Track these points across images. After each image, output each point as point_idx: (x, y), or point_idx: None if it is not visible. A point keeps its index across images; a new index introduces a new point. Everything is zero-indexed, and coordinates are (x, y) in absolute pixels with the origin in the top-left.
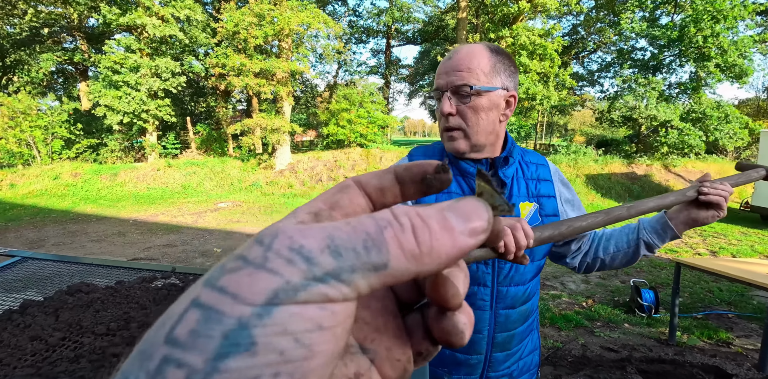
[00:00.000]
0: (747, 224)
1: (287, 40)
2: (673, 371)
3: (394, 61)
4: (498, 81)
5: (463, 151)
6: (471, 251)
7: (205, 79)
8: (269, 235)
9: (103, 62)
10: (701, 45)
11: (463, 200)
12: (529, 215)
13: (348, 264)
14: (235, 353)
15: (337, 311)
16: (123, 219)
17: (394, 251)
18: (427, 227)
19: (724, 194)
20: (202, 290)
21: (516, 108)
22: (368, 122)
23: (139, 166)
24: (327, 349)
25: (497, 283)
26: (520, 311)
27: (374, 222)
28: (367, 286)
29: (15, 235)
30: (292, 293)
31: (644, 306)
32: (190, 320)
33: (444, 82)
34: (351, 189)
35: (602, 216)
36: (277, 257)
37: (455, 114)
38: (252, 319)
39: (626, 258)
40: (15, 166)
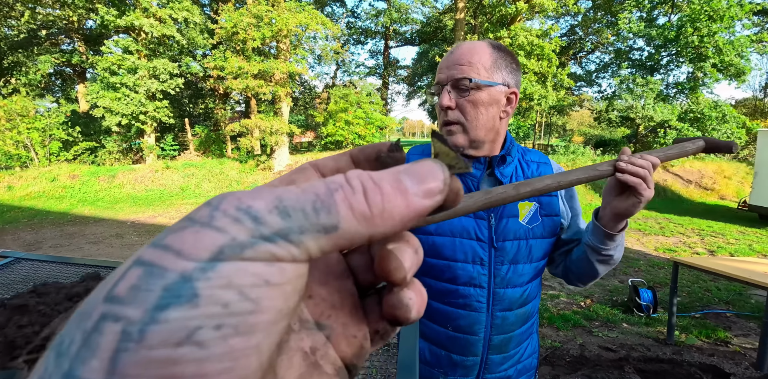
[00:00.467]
0: (745, 224)
1: (285, 41)
2: (671, 371)
3: (393, 62)
4: (499, 77)
5: (461, 146)
6: (428, 212)
7: (204, 81)
8: (218, 197)
9: (100, 64)
10: (698, 45)
11: (419, 162)
12: (528, 215)
13: (296, 225)
14: (176, 304)
15: (287, 268)
16: (121, 221)
17: (344, 212)
18: (378, 189)
19: (641, 173)
20: (146, 249)
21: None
22: (366, 123)
23: (137, 167)
24: (275, 305)
25: (494, 284)
26: (518, 313)
27: (325, 185)
28: (318, 248)
29: (12, 237)
30: (238, 250)
31: (642, 306)
32: (131, 277)
33: (444, 76)
34: (308, 171)
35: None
36: (223, 216)
37: (454, 108)
38: (195, 272)
39: (583, 266)
40: (12, 169)
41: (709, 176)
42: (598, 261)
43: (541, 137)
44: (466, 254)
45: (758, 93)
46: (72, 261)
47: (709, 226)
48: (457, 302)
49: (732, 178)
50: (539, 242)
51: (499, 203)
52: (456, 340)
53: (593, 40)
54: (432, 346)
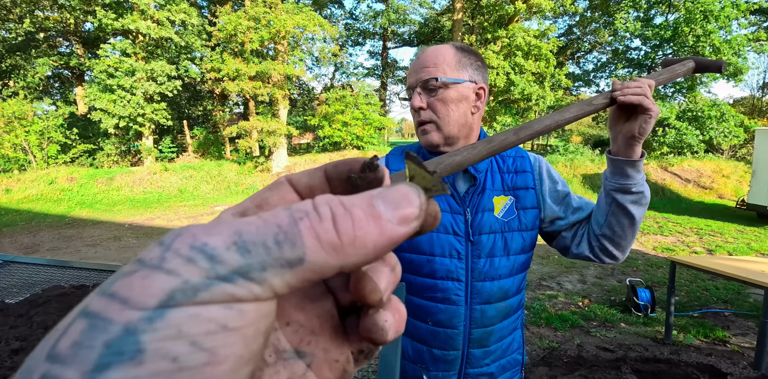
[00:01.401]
0: (743, 222)
1: (283, 42)
2: (668, 371)
3: (391, 63)
4: (465, 74)
5: (436, 143)
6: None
7: (202, 83)
8: (172, 234)
9: (98, 66)
10: (693, 44)
11: (394, 187)
12: (504, 209)
13: (257, 260)
14: (117, 363)
15: (247, 310)
16: (119, 223)
17: (310, 242)
18: (349, 216)
19: (640, 91)
20: (93, 297)
21: (512, 109)
22: (364, 124)
23: (135, 170)
24: (234, 352)
25: (471, 278)
26: (497, 307)
27: (288, 214)
28: (284, 284)
29: (10, 240)
30: (191, 294)
31: (640, 305)
32: (74, 332)
33: (414, 80)
34: (282, 186)
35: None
36: (175, 257)
37: (426, 108)
38: (140, 323)
39: (620, 218)
40: (10, 172)
41: (708, 175)
42: (632, 203)
43: (540, 137)
44: (443, 248)
45: (756, 92)
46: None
47: (707, 225)
48: (435, 297)
49: (730, 176)
50: (515, 234)
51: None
52: (436, 334)
53: (591, 40)
54: (413, 342)
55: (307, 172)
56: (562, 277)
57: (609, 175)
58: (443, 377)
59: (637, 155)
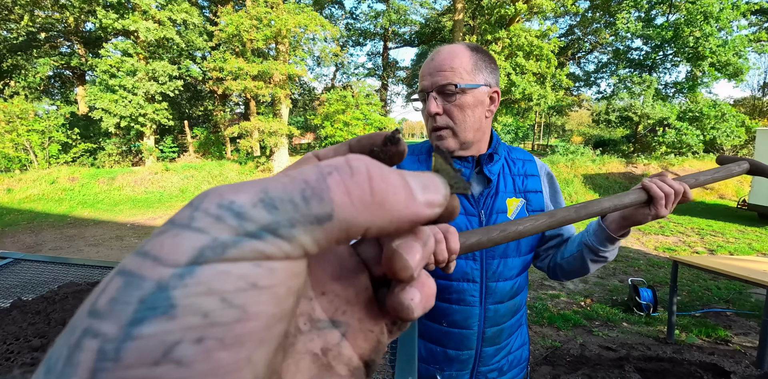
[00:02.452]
0: (744, 223)
1: (284, 42)
2: (671, 369)
3: (392, 63)
4: (481, 78)
5: (452, 149)
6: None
7: (203, 83)
8: (200, 195)
9: (99, 66)
10: (694, 45)
11: (423, 173)
12: (516, 211)
13: (285, 217)
14: (151, 318)
15: (277, 268)
16: (120, 223)
17: (339, 198)
18: (384, 178)
19: (668, 191)
20: (129, 257)
21: (513, 109)
22: (365, 124)
23: (137, 170)
24: (266, 310)
25: (486, 278)
26: (508, 305)
27: (317, 169)
28: (313, 242)
29: (12, 240)
30: (220, 251)
31: (642, 305)
32: (112, 289)
33: (429, 83)
34: (311, 160)
35: (545, 218)
36: (205, 216)
37: (442, 113)
38: (172, 280)
39: (575, 263)
40: (12, 171)
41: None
42: (592, 261)
43: (541, 138)
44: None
45: (757, 92)
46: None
47: (708, 225)
48: (451, 298)
49: None
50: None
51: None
52: (451, 335)
53: (591, 41)
54: (427, 343)
55: (332, 148)
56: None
57: (590, 231)
58: (456, 377)
59: (619, 233)
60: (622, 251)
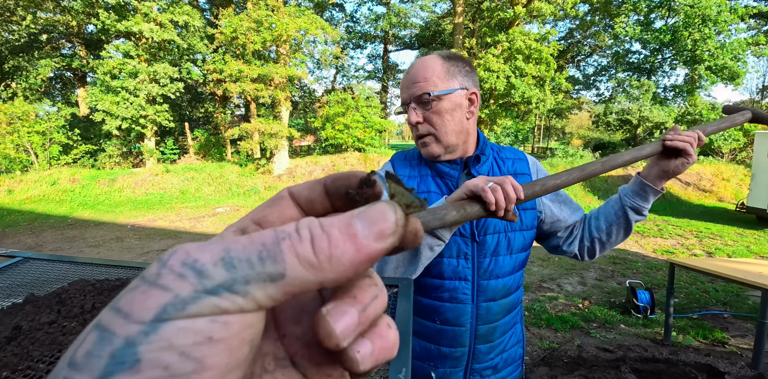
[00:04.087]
0: (743, 225)
1: (285, 45)
2: (667, 370)
3: (392, 66)
4: (455, 83)
5: (437, 154)
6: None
7: (203, 85)
8: (169, 252)
9: (101, 68)
10: (692, 48)
11: (373, 205)
12: None
13: (241, 275)
14: (119, 372)
15: (231, 322)
16: (121, 224)
17: (290, 260)
18: (326, 235)
19: (689, 139)
20: (104, 312)
21: (513, 112)
22: (365, 126)
23: (137, 171)
24: (219, 361)
25: (477, 277)
26: (501, 303)
27: (273, 234)
28: (266, 296)
29: (13, 241)
30: (181, 307)
31: (640, 307)
32: (88, 342)
33: (407, 96)
34: (283, 201)
35: (577, 173)
36: (169, 273)
37: (423, 122)
38: (139, 336)
39: (620, 229)
40: (12, 172)
41: (708, 178)
42: (636, 221)
43: (540, 140)
44: (451, 249)
45: (755, 95)
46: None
47: (707, 228)
48: (443, 296)
49: (730, 180)
50: (518, 234)
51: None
52: (444, 332)
53: (591, 44)
54: (421, 341)
55: (307, 185)
56: (563, 279)
57: (629, 194)
58: (450, 374)
59: (661, 187)
60: (621, 253)
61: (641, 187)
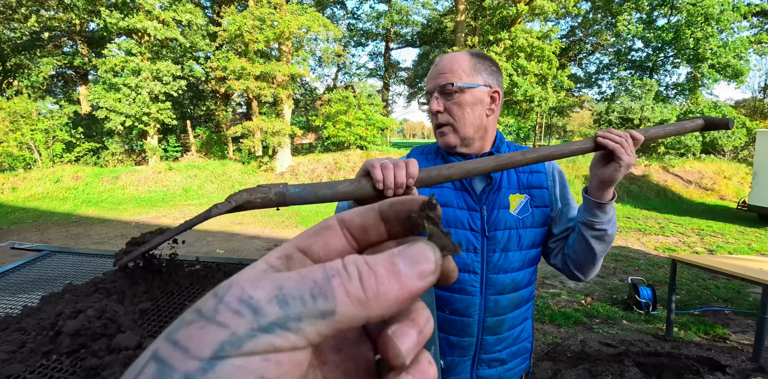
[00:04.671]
0: (744, 223)
1: (287, 43)
2: (669, 364)
3: (393, 63)
4: (480, 79)
5: (453, 144)
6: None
7: (205, 83)
8: (224, 287)
9: (104, 66)
10: (694, 47)
11: (413, 245)
12: (519, 207)
13: (294, 312)
14: None
15: (283, 361)
16: (125, 222)
17: (341, 297)
18: (373, 274)
19: (619, 140)
20: (162, 343)
21: (514, 110)
22: (367, 124)
23: (140, 169)
24: None
25: (486, 270)
26: (510, 297)
27: (323, 271)
28: (316, 333)
29: (18, 238)
30: (237, 345)
31: (642, 303)
32: (147, 374)
33: (431, 86)
34: (330, 231)
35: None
36: (226, 310)
37: (443, 111)
38: (197, 374)
39: (580, 247)
40: (16, 170)
41: (709, 177)
42: (593, 237)
43: (542, 139)
44: (461, 243)
45: (758, 94)
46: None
47: (708, 226)
48: (452, 287)
49: (731, 178)
50: (529, 231)
51: (509, 165)
52: (453, 322)
53: (593, 42)
54: None
55: (358, 212)
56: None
57: (581, 209)
58: (458, 363)
59: (606, 198)
60: (623, 250)
61: (585, 201)
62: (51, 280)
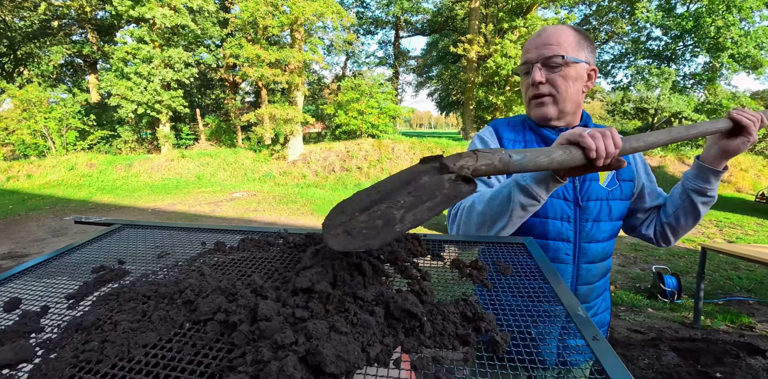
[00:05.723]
0: (762, 216)
1: (300, 29)
2: (706, 348)
3: (403, 52)
4: (582, 55)
5: (550, 116)
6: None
7: (214, 71)
8: None
9: (116, 53)
10: (714, 36)
11: None
12: (607, 179)
13: None
14: None
15: None
16: (141, 208)
17: None
18: None
19: (753, 118)
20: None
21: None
22: (379, 113)
23: (153, 157)
24: None
25: (579, 239)
26: (599, 266)
27: None
28: None
29: (37, 223)
30: None
31: (667, 292)
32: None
33: (534, 56)
34: None
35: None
36: None
37: (545, 83)
38: None
39: (687, 213)
40: (29, 157)
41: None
42: (703, 204)
43: None
44: (556, 212)
45: None
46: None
47: (726, 217)
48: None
49: (748, 170)
50: (617, 203)
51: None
52: None
53: (607, 30)
54: None
55: None
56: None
57: (691, 177)
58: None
59: (722, 167)
60: (642, 240)
61: (701, 169)
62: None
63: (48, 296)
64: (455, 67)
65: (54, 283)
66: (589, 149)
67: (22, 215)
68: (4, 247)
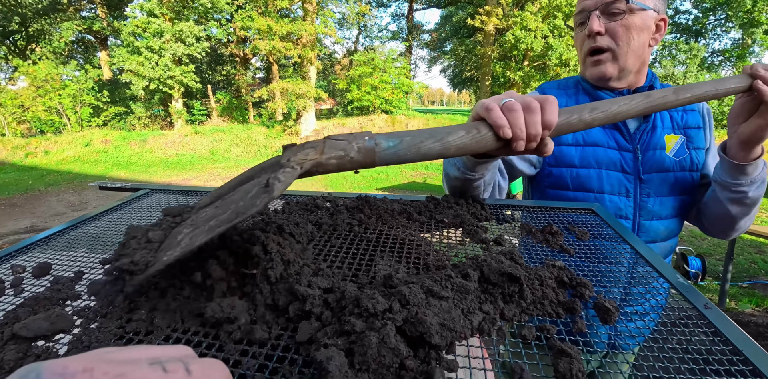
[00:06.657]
0: None
1: (312, 1)
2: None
3: (417, 25)
4: (650, 1)
5: (609, 76)
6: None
7: (224, 46)
8: None
9: (126, 28)
10: (750, 9)
11: None
12: (675, 148)
13: None
14: None
15: None
16: (158, 184)
17: None
18: None
19: None
20: None
21: (548, 74)
22: (393, 88)
23: (167, 133)
24: None
25: (639, 216)
26: (661, 246)
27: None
28: None
29: (57, 198)
30: None
31: (690, 273)
32: None
33: (592, 2)
34: None
35: (640, 99)
36: None
37: (604, 34)
38: None
39: (714, 207)
40: (46, 134)
41: None
42: (729, 200)
43: None
44: (613, 186)
45: None
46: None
47: None
48: None
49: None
50: (687, 174)
51: (661, 107)
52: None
53: None
54: None
55: None
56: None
57: (717, 167)
58: None
59: (747, 159)
60: None
61: (721, 161)
62: None
63: (80, 261)
64: (470, 41)
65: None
66: (497, 127)
67: (41, 190)
68: (26, 221)
